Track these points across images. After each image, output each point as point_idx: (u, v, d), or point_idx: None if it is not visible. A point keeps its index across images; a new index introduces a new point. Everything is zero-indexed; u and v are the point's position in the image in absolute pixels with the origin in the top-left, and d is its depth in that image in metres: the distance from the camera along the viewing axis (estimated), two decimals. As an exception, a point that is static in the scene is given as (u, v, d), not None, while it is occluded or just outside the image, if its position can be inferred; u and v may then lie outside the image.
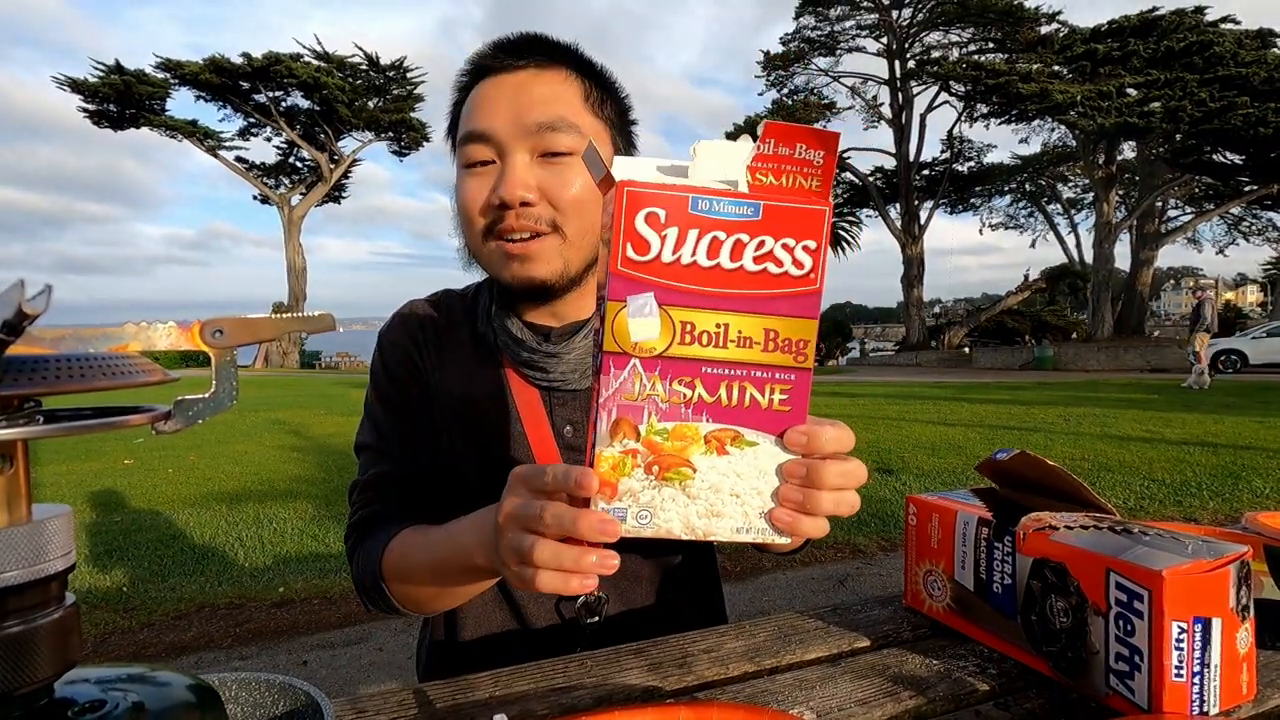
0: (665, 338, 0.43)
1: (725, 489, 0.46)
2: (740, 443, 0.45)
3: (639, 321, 0.43)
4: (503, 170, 0.72)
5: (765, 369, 0.45)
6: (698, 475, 0.45)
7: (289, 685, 0.40)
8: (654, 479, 0.45)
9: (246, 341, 0.26)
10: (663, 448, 0.44)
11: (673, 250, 0.42)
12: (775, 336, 0.44)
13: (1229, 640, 0.54)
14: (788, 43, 27.21)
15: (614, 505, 0.45)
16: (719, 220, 0.42)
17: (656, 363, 0.43)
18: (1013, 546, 0.65)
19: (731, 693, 0.61)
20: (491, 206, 0.72)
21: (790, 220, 0.43)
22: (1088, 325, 24.54)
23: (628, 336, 0.43)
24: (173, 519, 4.21)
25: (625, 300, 0.42)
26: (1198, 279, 58.16)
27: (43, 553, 0.23)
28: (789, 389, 0.45)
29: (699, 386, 0.44)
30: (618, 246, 0.42)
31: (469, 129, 0.73)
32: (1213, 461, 5.17)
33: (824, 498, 0.47)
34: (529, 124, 0.71)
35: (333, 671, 2.37)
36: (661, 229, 0.42)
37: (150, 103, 24.63)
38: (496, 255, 0.74)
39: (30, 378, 0.20)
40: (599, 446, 0.44)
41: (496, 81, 0.74)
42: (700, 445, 0.45)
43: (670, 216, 0.42)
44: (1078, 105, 20.42)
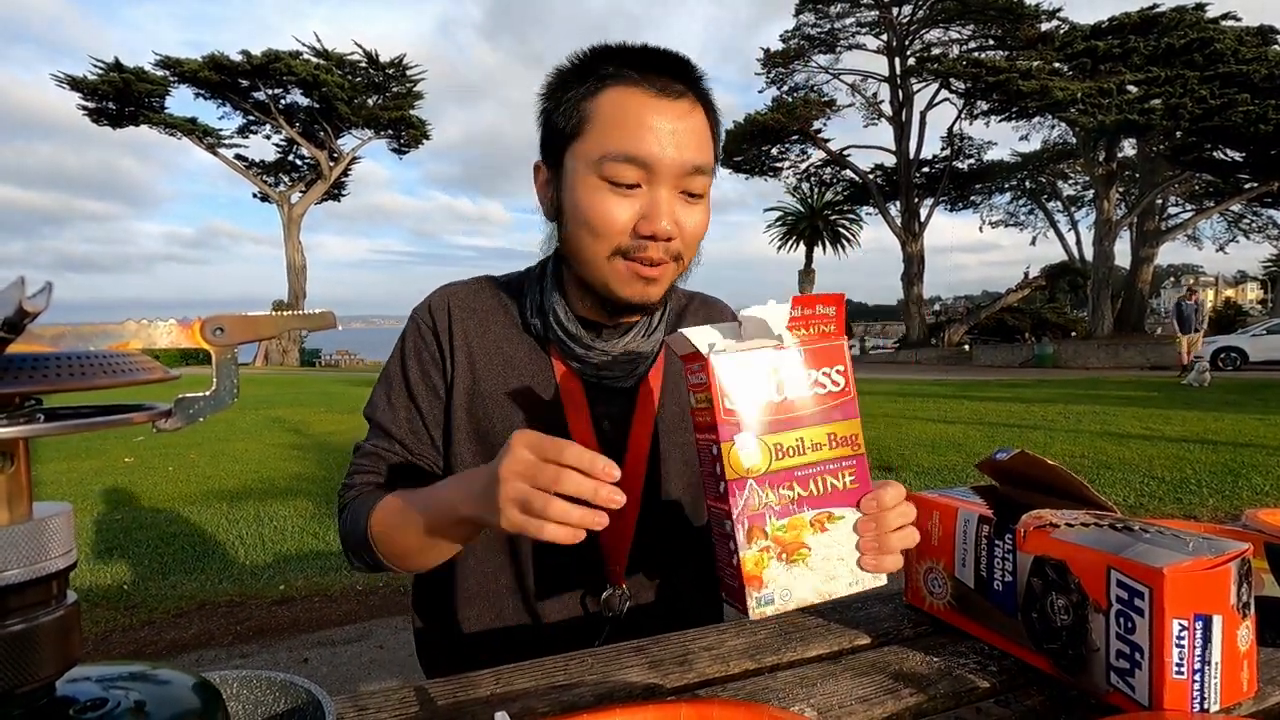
0: (765, 459, 0.58)
1: (833, 556, 0.60)
2: (833, 519, 0.60)
3: (746, 453, 0.57)
4: (652, 200, 0.73)
5: (835, 461, 0.60)
6: (812, 551, 0.59)
7: (290, 683, 0.40)
8: (785, 563, 0.58)
9: (247, 339, 0.26)
10: (785, 539, 0.58)
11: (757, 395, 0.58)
12: (835, 437, 0.60)
13: (1230, 637, 0.54)
14: (788, 40, 27.15)
15: (763, 593, 0.58)
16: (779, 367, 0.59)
17: (764, 479, 0.58)
18: (1013, 544, 0.65)
19: (732, 690, 0.61)
20: (636, 232, 0.74)
21: (822, 355, 0.60)
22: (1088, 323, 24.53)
23: (741, 465, 0.57)
24: (173, 517, 4.21)
25: (734, 439, 0.57)
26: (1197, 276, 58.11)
27: (44, 551, 0.23)
28: (854, 470, 0.60)
29: (795, 487, 0.58)
30: (719, 402, 0.57)
31: (631, 151, 0.72)
32: (1213, 459, 5.17)
33: (891, 539, 0.61)
34: (686, 165, 0.73)
35: (334, 669, 2.37)
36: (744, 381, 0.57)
37: (149, 100, 24.58)
38: (623, 274, 0.76)
39: (31, 376, 0.20)
40: (740, 551, 0.57)
41: (656, 106, 0.73)
42: (808, 529, 0.59)
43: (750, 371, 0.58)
44: (1078, 102, 20.38)
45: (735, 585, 0.58)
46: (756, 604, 0.57)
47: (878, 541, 0.60)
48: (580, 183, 0.74)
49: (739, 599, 0.58)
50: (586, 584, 0.85)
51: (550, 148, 0.79)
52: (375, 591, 3.03)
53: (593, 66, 0.76)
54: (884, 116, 28.23)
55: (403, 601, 2.92)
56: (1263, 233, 27.14)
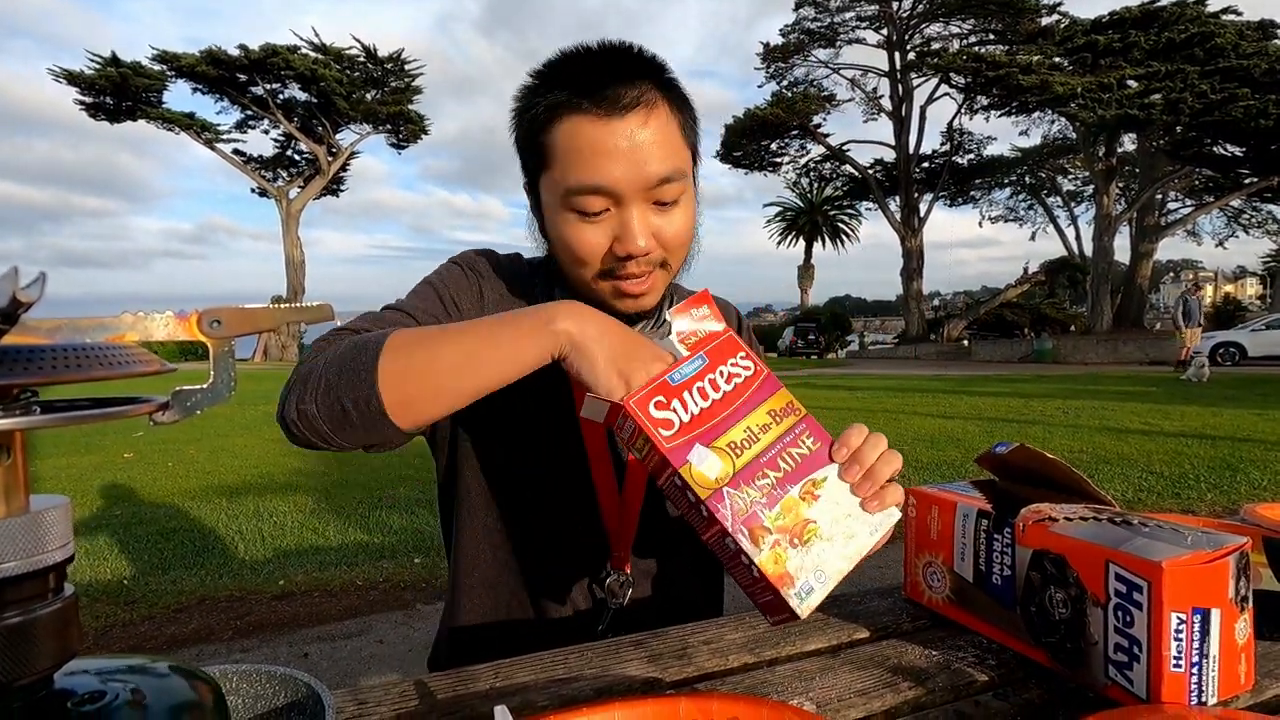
0: (728, 463, 0.57)
1: (840, 515, 0.59)
2: (819, 484, 0.59)
3: (706, 464, 0.57)
4: (623, 221, 0.72)
5: (788, 433, 0.60)
6: (819, 523, 0.58)
7: (290, 677, 0.40)
8: (801, 547, 0.57)
9: (245, 332, 0.26)
10: (787, 524, 0.57)
11: (684, 411, 0.58)
12: (774, 412, 0.61)
13: (1228, 631, 0.55)
14: (787, 34, 27.08)
15: (798, 585, 0.56)
16: (691, 378, 0.60)
17: (737, 479, 0.57)
18: (1012, 538, 0.65)
19: (731, 684, 0.61)
20: (614, 256, 0.74)
21: (720, 351, 0.62)
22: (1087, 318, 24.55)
23: (708, 478, 0.56)
24: (173, 512, 4.22)
25: (688, 460, 0.56)
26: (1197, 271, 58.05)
27: (41, 544, 0.23)
28: (809, 433, 0.61)
29: (769, 473, 0.58)
30: (655, 435, 0.56)
31: (587, 183, 0.70)
32: (1211, 454, 5.18)
33: (877, 470, 0.60)
34: (650, 179, 0.71)
35: (334, 664, 2.37)
36: (668, 405, 0.58)
37: (147, 95, 24.51)
38: (609, 292, 0.76)
39: (26, 367, 0.20)
40: (755, 558, 0.55)
41: (607, 128, 0.70)
42: (803, 504, 0.58)
43: (667, 395, 0.58)
44: (1078, 97, 20.34)
45: (772, 597, 0.55)
46: (799, 599, 0.54)
47: (869, 479, 0.59)
48: (554, 215, 0.74)
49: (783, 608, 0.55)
50: (591, 570, 0.85)
51: (527, 175, 0.79)
52: (375, 586, 3.03)
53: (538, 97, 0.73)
54: (884, 111, 28.18)
55: (403, 596, 2.93)
56: (1262, 228, 27.13)
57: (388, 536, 3.69)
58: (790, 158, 28.86)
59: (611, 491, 0.84)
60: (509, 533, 0.85)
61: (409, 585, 3.03)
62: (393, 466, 5.38)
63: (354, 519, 4.00)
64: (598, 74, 0.71)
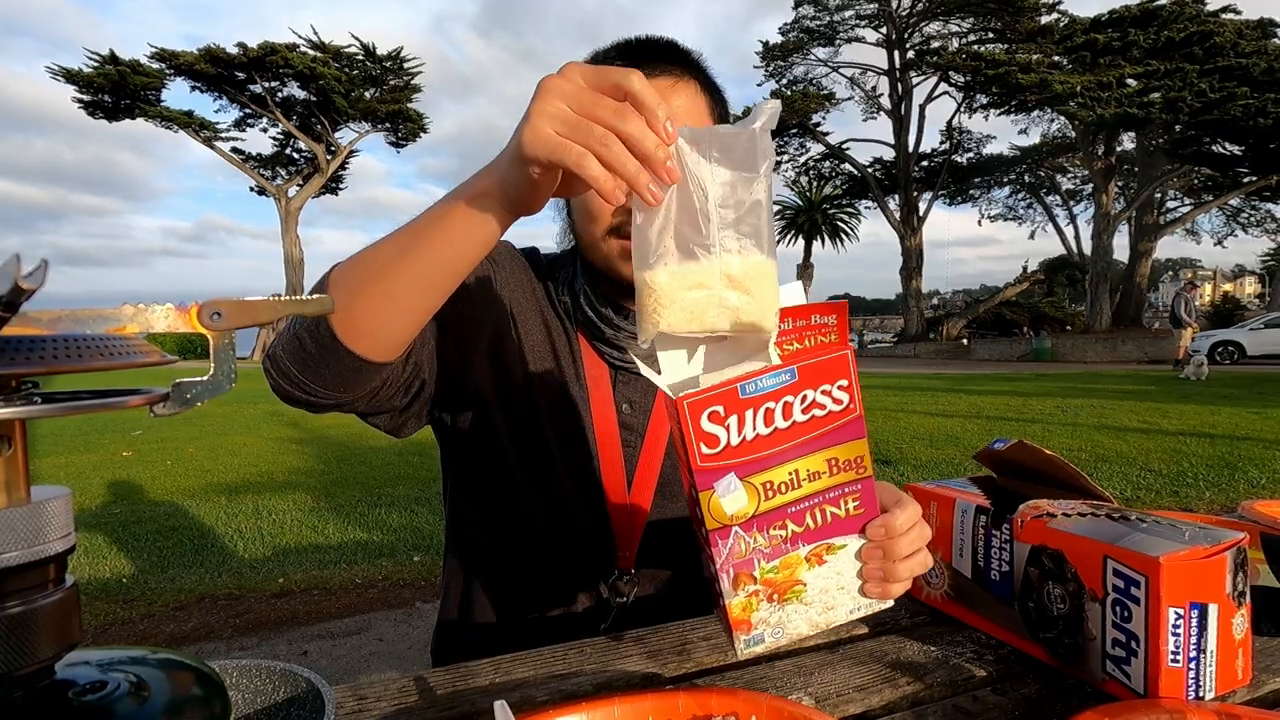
0: (753, 503, 0.51)
1: (832, 587, 0.54)
2: (833, 550, 0.54)
3: (730, 498, 0.51)
4: None
5: (836, 489, 0.53)
6: (808, 587, 0.54)
7: (290, 672, 0.40)
8: (777, 604, 0.53)
9: (245, 324, 0.26)
10: (776, 580, 0.53)
11: (737, 433, 0.50)
12: (836, 462, 0.52)
13: (1225, 626, 0.55)
14: (786, 33, 27.06)
15: (752, 635, 0.53)
16: (766, 394, 0.50)
17: (752, 523, 0.51)
18: (1010, 534, 0.65)
19: (730, 679, 0.61)
20: (623, 209, 0.74)
21: (821, 371, 0.51)
22: (1086, 317, 24.55)
23: (724, 513, 0.51)
24: (172, 510, 4.21)
25: (713, 487, 0.50)
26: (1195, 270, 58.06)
27: (42, 534, 0.23)
28: (858, 496, 0.53)
29: (789, 525, 0.52)
30: (693, 449, 0.49)
31: None
32: (1209, 452, 5.19)
33: (899, 567, 0.54)
34: None
35: (333, 661, 2.38)
36: (724, 420, 0.49)
37: (145, 93, 24.45)
38: (616, 252, 0.77)
39: (28, 357, 0.20)
40: (726, 599, 0.52)
41: None
42: (804, 565, 0.53)
43: (728, 409, 0.49)
44: (1077, 96, 20.34)
45: (723, 623, 0.54)
46: (745, 645, 0.53)
47: (884, 570, 0.54)
48: None
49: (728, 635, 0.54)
50: (597, 569, 0.85)
51: None
52: (375, 584, 3.03)
53: None
54: (883, 110, 28.17)
55: (402, 595, 2.93)
56: (1261, 227, 27.14)
57: (387, 535, 3.69)
58: (789, 156, 28.84)
59: (620, 492, 0.84)
60: (516, 530, 0.85)
61: (408, 583, 3.04)
62: (392, 465, 5.38)
63: (353, 517, 4.00)
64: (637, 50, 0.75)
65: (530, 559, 0.85)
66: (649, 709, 0.48)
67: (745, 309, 0.48)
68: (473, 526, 0.87)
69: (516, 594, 0.86)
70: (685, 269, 0.47)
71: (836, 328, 0.52)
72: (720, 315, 0.48)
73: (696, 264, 0.47)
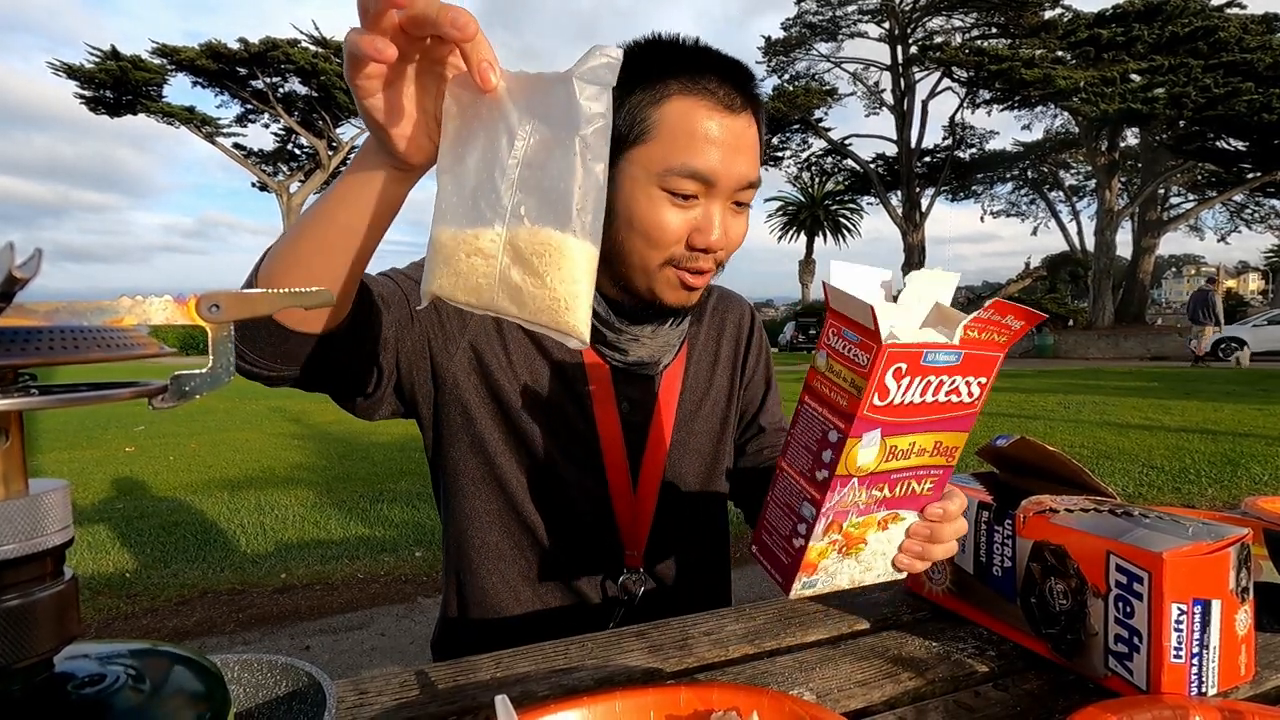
0: (877, 461, 0.53)
1: (879, 552, 0.59)
2: (897, 520, 0.58)
3: (866, 451, 0.52)
4: (706, 213, 0.74)
5: (927, 468, 0.56)
6: (867, 548, 0.58)
7: (291, 666, 0.40)
8: (841, 556, 0.57)
9: (243, 316, 0.25)
10: (852, 535, 0.56)
11: (903, 395, 0.51)
12: (941, 445, 0.55)
13: (1228, 622, 0.55)
14: (789, 28, 26.98)
15: (812, 578, 0.57)
16: (937, 368, 0.51)
17: (867, 479, 0.54)
18: (1013, 529, 0.65)
19: (732, 674, 0.61)
20: (689, 244, 0.74)
21: (977, 363, 0.52)
22: (1088, 313, 24.49)
23: (856, 463, 0.52)
24: (175, 506, 4.22)
25: (861, 436, 0.51)
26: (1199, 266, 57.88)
27: (40, 526, 0.23)
28: (937, 479, 0.57)
29: (885, 489, 0.55)
30: (869, 395, 0.50)
31: (696, 167, 0.71)
32: (1212, 449, 5.18)
33: (936, 549, 0.60)
34: (743, 180, 0.74)
35: (335, 656, 2.38)
36: (901, 378, 0.50)
37: (147, 89, 24.44)
38: (671, 281, 0.77)
39: (24, 349, 0.20)
40: (812, 541, 0.54)
41: (722, 123, 0.72)
42: (875, 528, 0.57)
43: (910, 369, 0.50)
44: (1081, 91, 20.26)
45: (785, 562, 0.57)
46: (802, 587, 0.56)
47: (923, 550, 0.60)
48: (639, 190, 0.73)
49: (784, 575, 0.57)
50: (604, 568, 0.85)
51: None
52: (377, 580, 3.04)
53: (657, 70, 0.73)
54: (886, 105, 28.09)
55: (404, 590, 2.93)
56: (1265, 223, 27.05)
57: (389, 530, 3.69)
58: (792, 152, 28.80)
59: (626, 491, 0.83)
60: (520, 532, 0.85)
61: (410, 579, 3.04)
62: (394, 461, 5.39)
63: (355, 513, 4.01)
64: (717, 69, 0.73)
65: (536, 560, 0.85)
66: (650, 704, 0.48)
67: (532, 295, 0.41)
68: (473, 528, 0.86)
69: (522, 596, 0.85)
70: (470, 231, 0.42)
71: (1014, 333, 0.52)
72: (501, 294, 0.42)
73: (483, 228, 0.41)
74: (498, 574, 0.85)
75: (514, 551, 0.85)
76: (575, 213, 0.40)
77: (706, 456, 0.89)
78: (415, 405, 0.83)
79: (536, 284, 0.41)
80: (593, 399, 0.83)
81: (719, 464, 0.91)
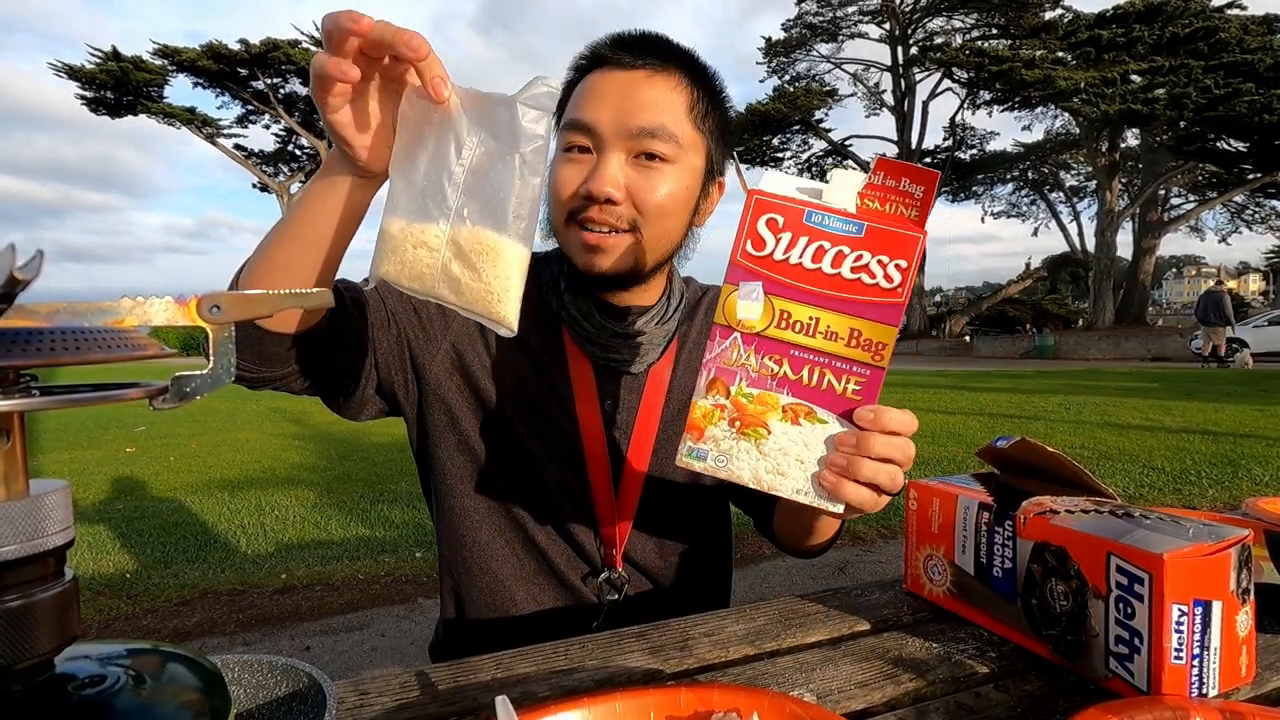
0: (765, 320, 0.52)
1: (792, 454, 0.54)
2: (812, 418, 0.54)
3: (746, 304, 0.52)
4: (597, 164, 0.75)
5: (845, 361, 0.53)
6: (771, 437, 0.54)
7: (292, 667, 0.40)
8: (735, 432, 0.54)
9: (244, 317, 0.25)
10: (747, 408, 0.53)
11: (784, 251, 0.51)
12: (858, 336, 0.52)
13: (1229, 623, 0.55)
14: (789, 29, 27.00)
15: (698, 445, 0.54)
16: (827, 233, 0.51)
17: (754, 339, 0.53)
18: (1013, 530, 0.65)
19: (732, 675, 0.61)
20: (579, 195, 0.75)
21: (888, 241, 0.51)
22: (1089, 313, 24.50)
23: (735, 314, 0.52)
24: (175, 506, 4.23)
25: (738, 285, 0.52)
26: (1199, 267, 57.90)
27: (41, 527, 0.23)
28: (863, 382, 0.53)
29: (785, 365, 0.53)
30: (740, 241, 0.51)
31: (573, 116, 0.76)
32: (1213, 449, 5.18)
33: (865, 464, 0.53)
34: (631, 126, 0.74)
35: (335, 657, 2.38)
36: (778, 233, 0.51)
37: (148, 90, 24.48)
38: (574, 240, 0.77)
39: (25, 349, 0.20)
40: (695, 397, 0.54)
41: (609, 76, 0.76)
42: (778, 413, 0.53)
43: (787, 224, 0.51)
44: (1081, 92, 20.26)
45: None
46: (686, 452, 0.54)
47: (848, 463, 0.53)
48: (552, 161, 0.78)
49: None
50: (587, 567, 0.85)
51: None
52: (377, 580, 3.04)
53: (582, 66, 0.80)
54: (886, 106, 28.10)
55: (405, 590, 2.93)
56: (1265, 224, 27.03)
57: (389, 531, 3.69)
58: (792, 153, 28.80)
59: (607, 490, 0.83)
60: (512, 529, 0.85)
61: (410, 579, 3.04)
62: (395, 461, 5.39)
63: (356, 513, 4.01)
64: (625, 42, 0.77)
65: (525, 559, 0.85)
66: (650, 705, 0.48)
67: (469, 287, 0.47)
68: (463, 527, 0.86)
69: (516, 595, 0.85)
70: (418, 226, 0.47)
71: (921, 202, 0.51)
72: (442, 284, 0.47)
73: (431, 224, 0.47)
74: (490, 573, 0.85)
75: (506, 550, 0.85)
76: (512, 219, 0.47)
77: None
78: (399, 404, 0.84)
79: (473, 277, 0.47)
80: (575, 397, 0.83)
81: None
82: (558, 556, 0.85)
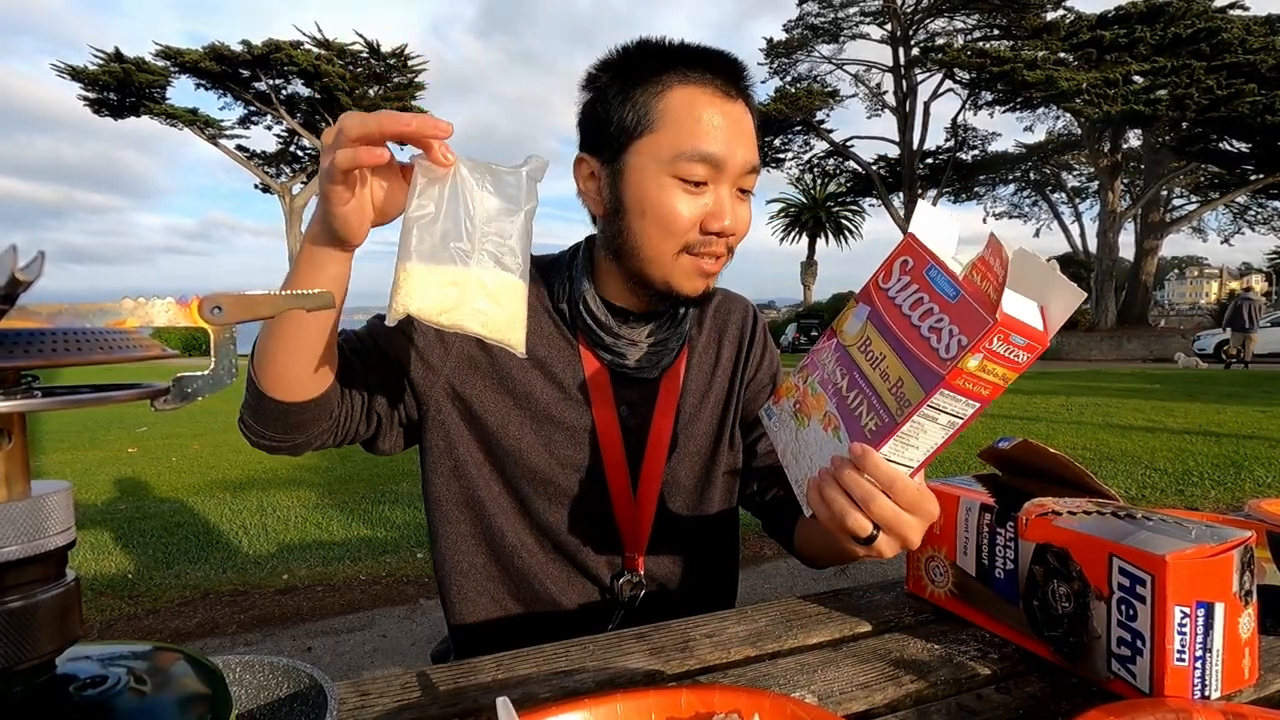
0: (856, 339, 0.60)
1: (809, 450, 0.63)
2: (836, 432, 0.60)
3: (852, 321, 0.61)
4: (717, 198, 0.76)
5: (880, 401, 0.57)
6: (808, 428, 0.63)
7: (293, 668, 0.40)
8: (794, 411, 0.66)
9: (246, 318, 0.25)
10: (808, 398, 0.64)
11: (897, 290, 0.57)
12: (900, 386, 0.55)
13: (1231, 625, 0.54)
14: (790, 29, 26.99)
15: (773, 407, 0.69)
16: (933, 290, 0.54)
17: (840, 350, 0.62)
18: (1015, 532, 0.65)
19: (733, 676, 0.61)
20: (703, 230, 0.76)
21: (967, 316, 0.52)
22: (1091, 315, 24.45)
23: (841, 325, 0.63)
24: (177, 507, 4.23)
25: (859, 303, 0.61)
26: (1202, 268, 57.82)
27: (42, 528, 0.23)
28: (880, 425, 0.56)
29: (844, 381, 0.60)
30: (879, 269, 0.60)
31: (706, 150, 0.73)
32: (1215, 451, 5.16)
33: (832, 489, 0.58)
34: (746, 164, 0.76)
35: (337, 657, 2.38)
36: (904, 274, 0.57)
37: (150, 91, 24.50)
38: (688, 269, 0.78)
39: (27, 350, 0.20)
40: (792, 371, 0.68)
41: (725, 108, 0.75)
42: (821, 414, 0.62)
43: (913, 268, 0.56)
44: (1083, 93, 20.24)
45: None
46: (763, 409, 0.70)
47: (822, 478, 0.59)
48: (650, 180, 0.75)
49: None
50: (605, 570, 0.85)
51: (605, 143, 0.78)
52: (379, 581, 3.04)
53: (654, 65, 0.76)
54: (887, 107, 28.08)
55: (406, 591, 2.93)
56: (1268, 224, 26.99)
57: (390, 531, 3.70)
58: (794, 153, 28.80)
59: (626, 493, 0.83)
60: (518, 537, 0.85)
61: (412, 580, 3.04)
62: (395, 462, 5.39)
63: (357, 514, 4.01)
64: (709, 60, 0.77)
65: (535, 564, 0.85)
66: (651, 706, 0.48)
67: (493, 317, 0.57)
68: (469, 532, 0.85)
69: (521, 599, 0.85)
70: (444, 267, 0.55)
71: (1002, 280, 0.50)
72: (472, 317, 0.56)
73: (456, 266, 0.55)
74: (488, 595, 0.85)
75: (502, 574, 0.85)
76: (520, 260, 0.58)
77: (705, 459, 0.89)
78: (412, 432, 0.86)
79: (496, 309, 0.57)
80: (591, 403, 0.83)
81: (717, 466, 0.91)
82: (576, 562, 0.85)
